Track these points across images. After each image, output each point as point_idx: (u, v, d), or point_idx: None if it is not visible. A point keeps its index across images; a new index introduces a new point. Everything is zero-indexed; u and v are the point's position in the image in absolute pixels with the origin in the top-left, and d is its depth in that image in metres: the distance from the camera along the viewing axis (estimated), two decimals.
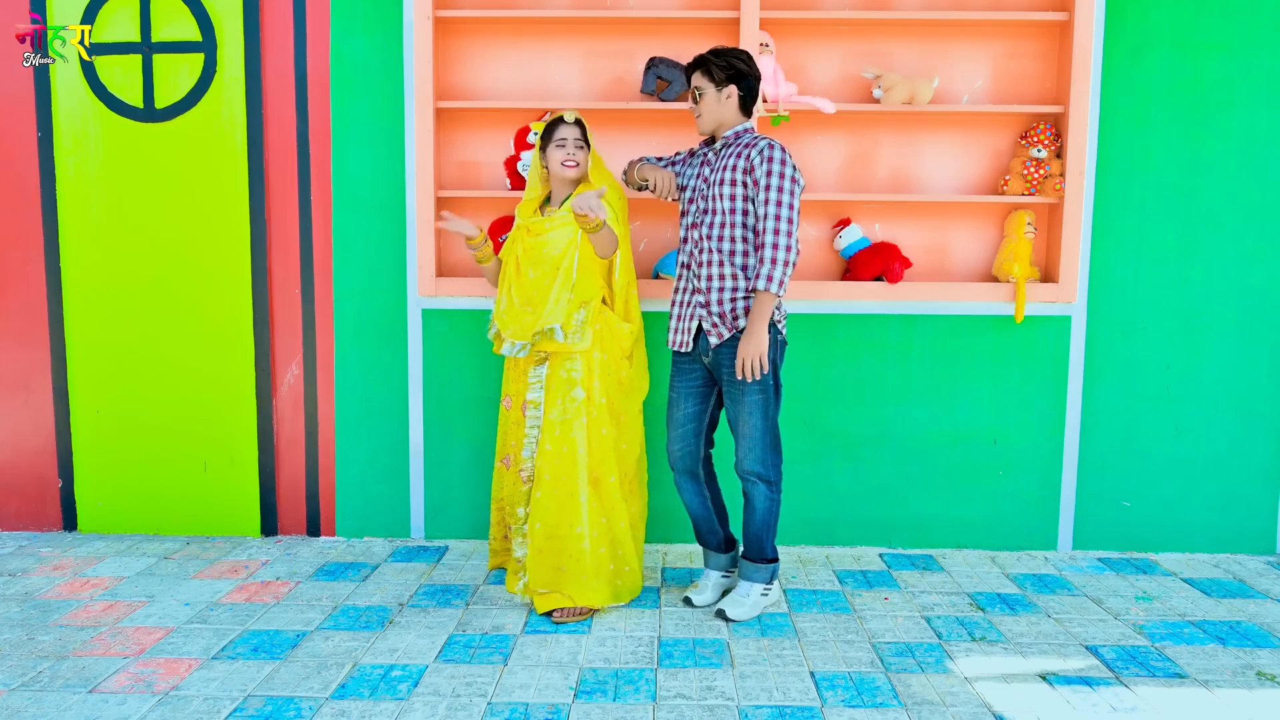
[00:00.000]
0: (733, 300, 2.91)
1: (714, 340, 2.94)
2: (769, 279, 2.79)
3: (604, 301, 3.13)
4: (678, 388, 3.10)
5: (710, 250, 2.93)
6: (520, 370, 3.17)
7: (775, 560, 3.07)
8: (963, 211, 3.72)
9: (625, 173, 3.20)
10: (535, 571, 3.04)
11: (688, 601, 3.13)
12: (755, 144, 2.90)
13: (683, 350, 3.04)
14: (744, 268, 2.91)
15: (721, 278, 2.91)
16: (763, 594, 3.05)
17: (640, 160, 3.19)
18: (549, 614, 3.02)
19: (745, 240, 2.91)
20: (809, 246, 3.76)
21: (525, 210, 3.18)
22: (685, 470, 3.13)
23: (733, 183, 2.89)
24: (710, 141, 3.06)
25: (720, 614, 3.01)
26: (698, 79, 2.96)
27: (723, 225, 2.91)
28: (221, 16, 3.64)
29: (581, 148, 3.05)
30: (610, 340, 3.09)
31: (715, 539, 3.19)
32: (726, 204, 2.90)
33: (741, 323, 2.91)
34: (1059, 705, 2.48)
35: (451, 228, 3.14)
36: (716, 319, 2.93)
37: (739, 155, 2.91)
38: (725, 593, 3.17)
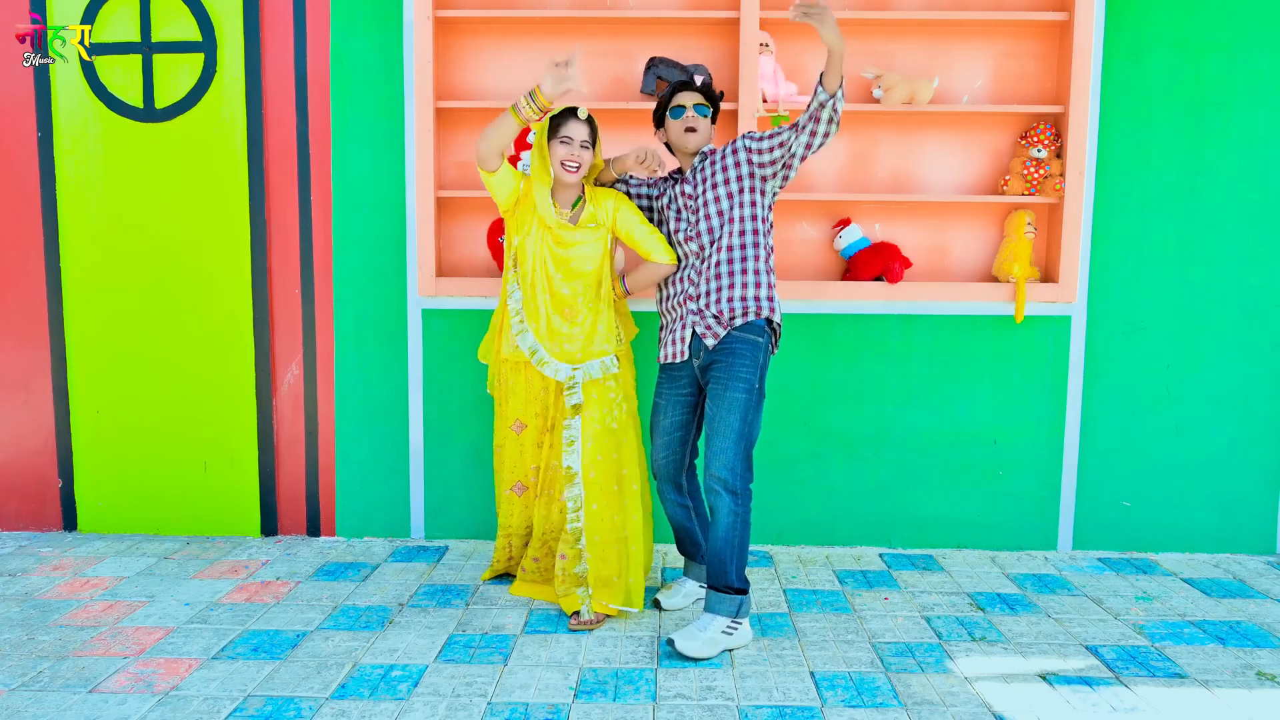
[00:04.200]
0: (730, 301, 2.88)
1: (710, 342, 2.89)
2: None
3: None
4: (665, 396, 3.07)
5: (708, 255, 2.92)
6: (545, 394, 3.05)
7: (743, 591, 2.81)
8: (963, 211, 3.72)
9: (600, 178, 3.13)
10: (601, 585, 3.00)
11: (657, 604, 3.11)
12: (727, 144, 3.00)
13: (678, 360, 3.00)
14: (743, 271, 2.88)
15: (718, 276, 2.90)
16: (725, 631, 2.76)
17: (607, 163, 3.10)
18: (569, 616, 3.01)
19: (742, 235, 2.89)
20: (809, 246, 3.76)
21: (541, 198, 2.93)
22: (669, 479, 3.11)
23: (725, 182, 2.91)
24: (678, 172, 3.11)
25: (670, 643, 2.76)
26: (706, 102, 2.99)
27: (721, 228, 2.90)
28: (221, 16, 3.64)
29: (587, 148, 2.90)
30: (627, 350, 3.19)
31: (697, 550, 3.18)
32: (718, 207, 2.91)
33: (738, 322, 2.86)
34: (1059, 705, 2.48)
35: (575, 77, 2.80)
36: (712, 320, 2.89)
37: (720, 161, 2.95)
38: (698, 602, 3.16)
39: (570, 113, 2.90)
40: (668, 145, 3.08)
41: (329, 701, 2.48)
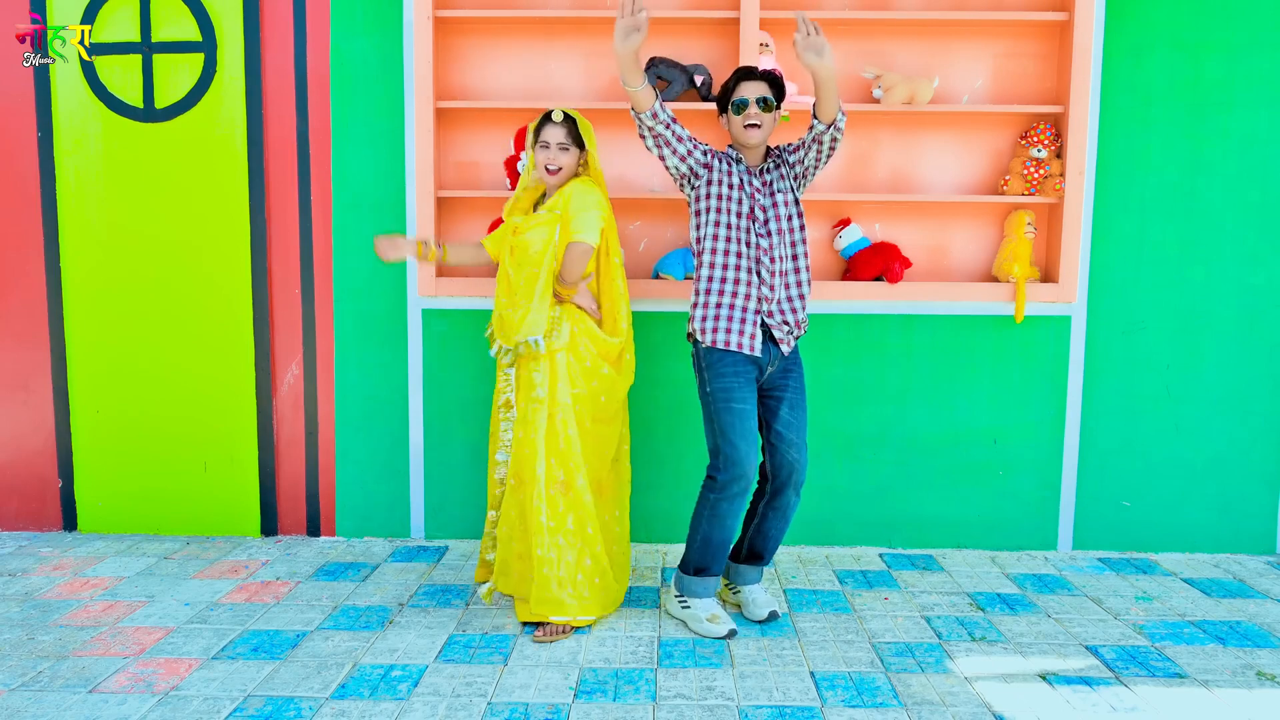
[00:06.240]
0: (798, 312, 2.98)
1: (785, 349, 2.95)
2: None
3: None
4: (744, 396, 2.88)
5: (783, 260, 2.93)
6: (501, 372, 3.11)
7: None
8: (963, 211, 3.72)
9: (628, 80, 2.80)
10: (504, 577, 3.01)
11: (734, 633, 2.88)
12: (778, 148, 3.04)
13: (752, 353, 2.88)
14: (799, 282, 2.97)
15: (789, 285, 2.96)
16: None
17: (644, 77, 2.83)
18: (532, 628, 2.94)
19: (798, 245, 2.97)
20: (809, 246, 3.75)
21: (518, 208, 3.10)
22: (751, 486, 2.89)
23: (789, 190, 2.96)
24: (736, 159, 2.97)
25: (773, 615, 2.99)
26: (771, 93, 2.91)
27: (789, 230, 2.95)
28: (221, 16, 3.64)
29: (565, 149, 2.96)
30: (587, 347, 2.98)
31: (727, 559, 3.06)
32: (789, 211, 2.95)
33: (797, 334, 3.00)
34: (1059, 705, 2.48)
35: (392, 258, 3.09)
36: (787, 326, 2.96)
37: (779, 169, 2.97)
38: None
39: (547, 117, 2.97)
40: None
41: (329, 701, 2.48)
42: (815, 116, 2.81)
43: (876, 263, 3.59)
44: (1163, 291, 3.66)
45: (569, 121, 2.97)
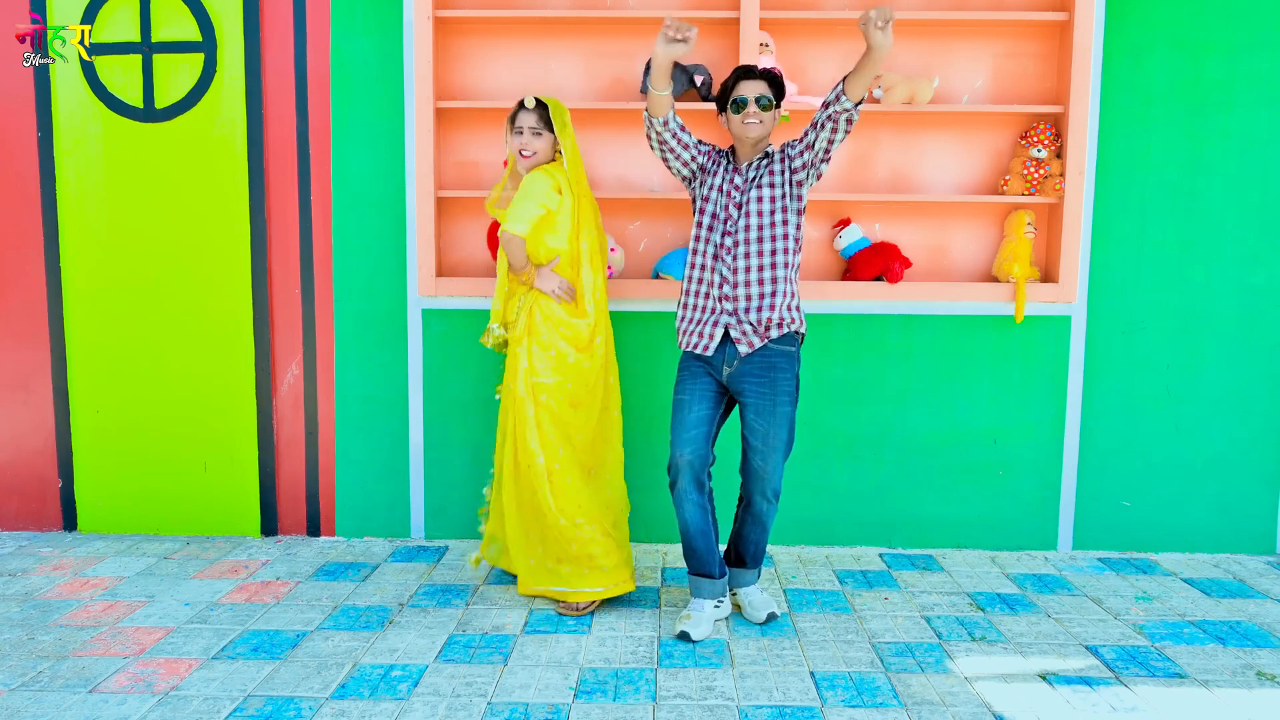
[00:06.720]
0: (772, 309, 2.86)
1: (743, 350, 2.88)
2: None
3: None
4: (690, 390, 2.95)
5: (746, 257, 2.87)
6: None
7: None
8: (963, 211, 3.72)
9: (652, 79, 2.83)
10: (505, 555, 3.29)
11: (685, 636, 2.87)
12: (776, 150, 2.97)
13: (704, 354, 2.92)
14: (774, 279, 2.87)
15: (759, 283, 2.87)
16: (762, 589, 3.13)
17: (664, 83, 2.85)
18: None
19: (777, 240, 2.87)
20: (809, 246, 3.76)
21: (501, 186, 3.24)
22: (693, 476, 2.91)
23: (771, 185, 2.88)
24: (731, 153, 2.99)
25: (771, 616, 3.00)
26: (770, 92, 2.90)
27: (760, 228, 2.87)
28: (221, 16, 3.64)
29: (538, 134, 3.02)
30: (551, 332, 3.05)
31: (713, 559, 2.99)
32: (758, 207, 2.87)
33: (774, 333, 2.87)
34: (1059, 705, 2.48)
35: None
36: (749, 327, 2.87)
37: (769, 166, 2.91)
38: (717, 622, 3.03)
39: (521, 104, 3.06)
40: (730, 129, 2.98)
41: (329, 701, 2.48)
42: (844, 93, 2.72)
43: (876, 263, 3.59)
44: (1163, 291, 3.66)
45: (540, 107, 3.04)
